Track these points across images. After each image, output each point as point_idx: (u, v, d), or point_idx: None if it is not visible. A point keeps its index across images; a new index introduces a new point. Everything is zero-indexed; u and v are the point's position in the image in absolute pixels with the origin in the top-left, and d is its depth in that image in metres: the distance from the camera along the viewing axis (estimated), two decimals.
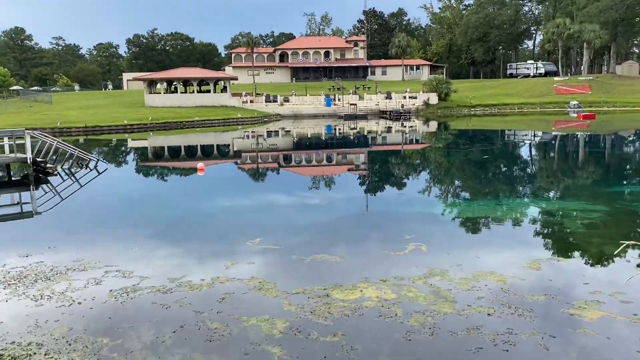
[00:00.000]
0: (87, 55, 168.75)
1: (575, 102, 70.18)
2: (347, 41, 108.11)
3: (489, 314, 7.99)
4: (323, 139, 43.50)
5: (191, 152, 36.19)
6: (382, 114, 67.11)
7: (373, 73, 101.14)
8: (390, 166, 28.36)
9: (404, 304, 8.46)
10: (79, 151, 25.94)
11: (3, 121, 51.35)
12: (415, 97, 70.65)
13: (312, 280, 9.62)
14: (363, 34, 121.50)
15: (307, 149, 36.43)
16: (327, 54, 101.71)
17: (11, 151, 23.86)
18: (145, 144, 42.23)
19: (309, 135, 46.59)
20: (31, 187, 22.06)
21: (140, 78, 67.25)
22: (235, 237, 13.07)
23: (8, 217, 17.40)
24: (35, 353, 7.07)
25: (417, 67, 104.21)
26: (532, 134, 44.51)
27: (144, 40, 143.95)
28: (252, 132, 50.26)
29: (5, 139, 24.59)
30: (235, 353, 7.03)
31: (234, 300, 8.82)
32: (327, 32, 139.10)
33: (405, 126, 53.70)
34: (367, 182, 23.23)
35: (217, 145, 40.95)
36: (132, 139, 44.85)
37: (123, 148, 40.07)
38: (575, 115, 61.29)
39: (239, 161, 30.81)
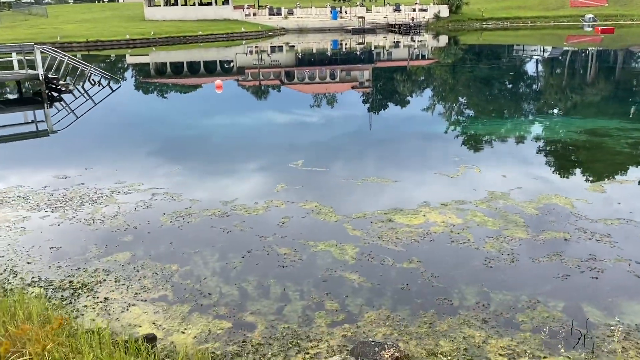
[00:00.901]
0: None
1: (591, 16, 67.41)
2: None
3: (565, 239, 7.73)
4: (329, 54, 42.03)
5: (197, 68, 34.99)
6: (390, 28, 64.61)
7: None
8: (421, 84, 27.47)
9: (473, 229, 8.18)
10: (91, 67, 24.88)
11: None
12: (426, 10, 67.69)
13: (369, 204, 9.30)
14: None
15: (311, 65, 35.20)
16: None
17: (21, 67, 22.86)
18: (151, 60, 40.77)
19: (314, 51, 44.98)
20: (45, 104, 21.33)
21: None
22: (275, 158, 12.63)
23: (24, 136, 16.94)
24: (104, 280, 6.84)
25: None
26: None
27: None
28: (255, 47, 48.50)
29: (14, 54, 23.51)
30: (311, 279, 6.81)
31: (294, 224, 8.53)
32: None
33: (415, 41, 51.80)
34: (398, 102, 22.51)
35: (221, 62, 39.54)
36: (135, 55, 43.29)
37: (130, 64, 38.66)
38: (592, 29, 59.05)
39: (246, 78, 29.79)
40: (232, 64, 37.40)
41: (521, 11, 73.36)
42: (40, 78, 21.67)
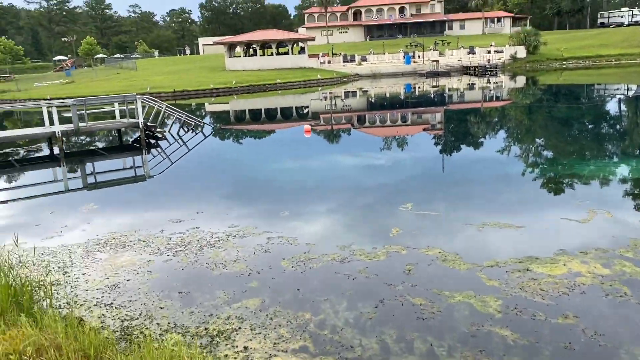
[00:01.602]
0: (161, 22, 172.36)
1: None
2: None
3: None
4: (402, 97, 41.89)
5: (274, 114, 35.82)
6: (465, 70, 63.94)
7: (450, 28, 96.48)
8: (496, 125, 26.62)
9: (627, 280, 7.37)
10: (185, 115, 26.02)
11: (96, 88, 53.22)
12: (501, 51, 66.62)
13: (498, 252, 8.70)
14: None
15: (383, 108, 35.09)
16: (402, 10, 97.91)
17: (122, 116, 24.23)
18: (234, 107, 42.34)
19: (387, 95, 45.04)
20: (143, 151, 22.32)
21: (220, 42, 67.47)
22: (381, 201, 12.30)
23: (125, 181, 17.70)
24: (239, 327, 6.64)
25: (498, 20, 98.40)
26: None
27: (216, 5, 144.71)
28: (330, 93, 49.35)
29: (116, 105, 25.01)
30: (455, 333, 6.28)
31: (421, 272, 8.07)
32: None
33: (490, 82, 50.81)
34: (472, 144, 21.79)
35: (297, 108, 40.34)
36: (218, 102, 45.16)
37: (214, 111, 40.30)
38: None
39: (318, 123, 30.05)
40: (307, 110, 38.14)
41: (603, 49, 70.58)
42: (140, 126, 22.81)
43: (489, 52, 66.68)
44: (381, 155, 19.47)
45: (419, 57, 66.53)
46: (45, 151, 23.42)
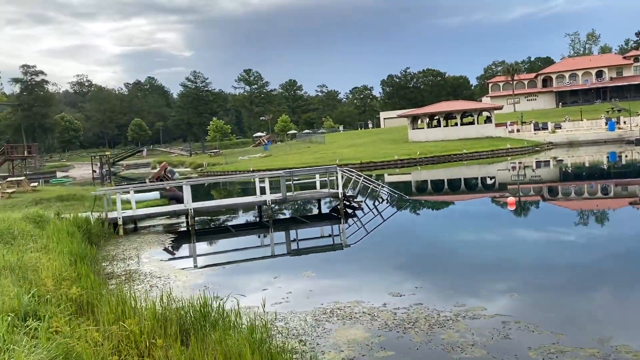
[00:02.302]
0: (344, 99, 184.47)
1: None
2: (624, 57, 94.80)
3: None
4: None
5: (457, 185, 34.50)
6: None
7: None
8: None
9: None
10: (382, 185, 26.46)
11: (290, 160, 57.83)
12: None
13: None
14: None
15: (579, 179, 31.35)
16: (599, 74, 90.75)
17: (323, 186, 25.50)
18: (415, 177, 42.23)
19: (586, 164, 40.70)
20: (341, 220, 22.94)
21: (404, 115, 69.25)
22: (604, 286, 10.54)
23: (322, 249, 18.14)
24: None
25: None
26: None
27: (397, 80, 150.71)
28: (519, 162, 46.52)
29: (317, 175, 26.50)
30: None
31: None
32: (594, 51, 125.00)
33: None
34: None
35: (482, 178, 38.45)
36: (401, 173, 45.51)
37: (394, 181, 40.59)
38: None
39: (503, 195, 27.85)
40: (492, 180, 36.27)
41: None
42: (340, 196, 23.67)
43: None
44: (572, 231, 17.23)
45: (624, 122, 60.06)
46: (249, 217, 25.54)
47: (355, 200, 25.17)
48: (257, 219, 24.93)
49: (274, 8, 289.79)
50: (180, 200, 24.82)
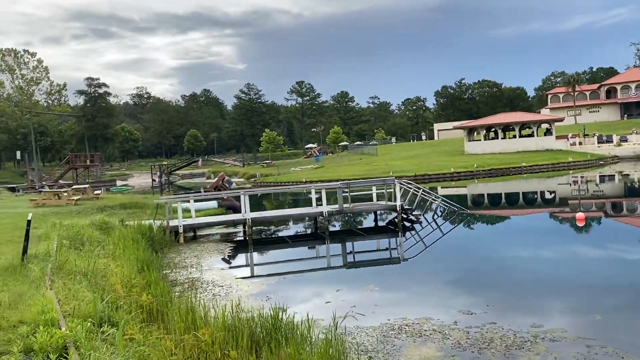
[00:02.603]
0: (396, 111, 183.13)
1: None
2: None
3: None
4: None
5: (515, 199, 33.15)
6: None
7: None
8: None
9: None
10: (441, 198, 25.82)
11: (343, 172, 57.65)
12: None
13: None
14: None
15: None
16: None
17: (380, 198, 25.12)
18: (470, 191, 41.05)
19: None
20: (399, 233, 22.46)
21: (460, 126, 67.85)
22: None
23: (378, 262, 17.77)
24: None
25: None
26: None
27: (452, 91, 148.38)
28: (581, 176, 44.45)
29: (374, 188, 26.16)
30: None
31: None
32: None
33: None
34: None
35: (541, 192, 36.83)
36: (457, 186, 44.37)
37: (457, 195, 39.58)
38: None
39: (585, 208, 26.41)
40: (552, 195, 34.74)
41: None
42: (398, 209, 23.21)
43: None
44: None
45: None
46: (304, 228, 25.41)
47: (413, 213, 24.64)
48: (313, 230, 24.80)
49: (326, 20, 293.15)
50: (236, 209, 25.07)
